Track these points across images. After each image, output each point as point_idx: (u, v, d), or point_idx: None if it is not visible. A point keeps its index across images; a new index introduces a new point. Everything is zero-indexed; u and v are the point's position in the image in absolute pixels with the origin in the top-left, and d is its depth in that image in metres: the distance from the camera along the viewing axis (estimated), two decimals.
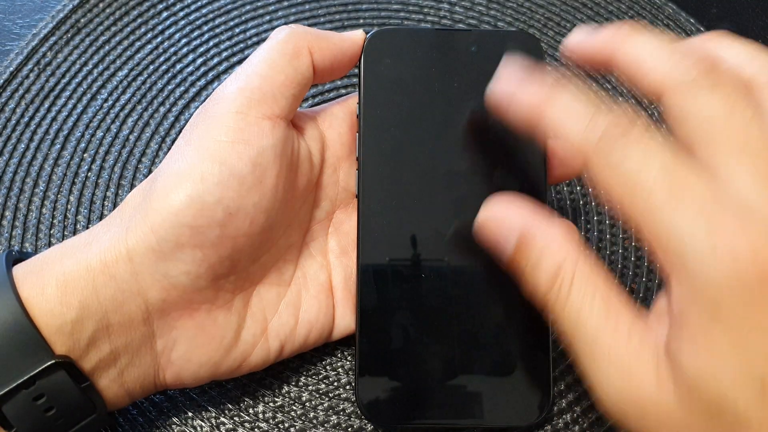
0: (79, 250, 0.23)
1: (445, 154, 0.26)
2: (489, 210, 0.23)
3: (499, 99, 0.23)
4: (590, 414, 0.28)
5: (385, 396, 0.26)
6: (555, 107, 0.21)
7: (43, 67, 0.35)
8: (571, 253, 0.21)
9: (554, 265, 0.21)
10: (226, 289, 0.24)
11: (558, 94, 0.21)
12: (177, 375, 0.24)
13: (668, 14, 0.38)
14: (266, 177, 0.23)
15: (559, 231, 0.22)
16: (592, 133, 0.20)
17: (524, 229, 0.22)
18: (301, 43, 0.25)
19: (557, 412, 0.28)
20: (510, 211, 0.23)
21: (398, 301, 0.26)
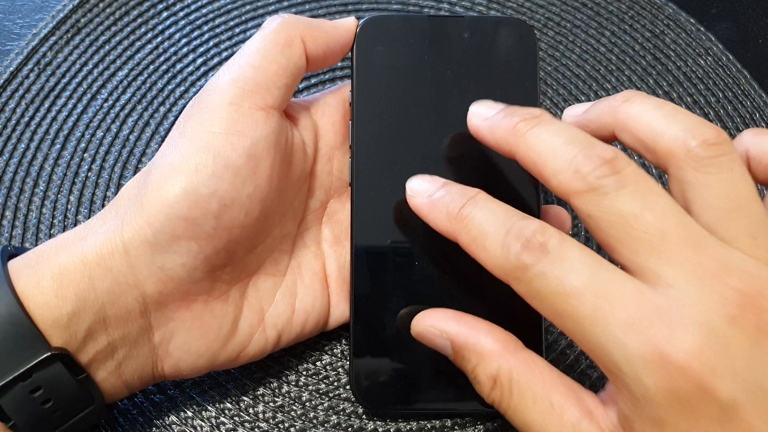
0: (74, 243, 0.23)
1: (438, 142, 0.26)
2: (416, 326, 0.24)
3: (417, 205, 0.23)
4: None
5: (380, 381, 0.26)
6: (469, 226, 0.21)
7: (43, 67, 0.35)
8: (504, 359, 0.22)
9: (491, 372, 0.22)
10: (223, 280, 0.24)
11: (471, 209, 0.22)
12: (175, 366, 0.24)
13: (668, 14, 0.38)
14: (260, 168, 0.23)
15: (488, 338, 0.22)
16: (509, 254, 0.20)
17: (455, 341, 0.23)
18: (293, 32, 0.25)
19: None
20: (438, 321, 0.23)
21: (392, 288, 0.26)
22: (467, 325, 0.23)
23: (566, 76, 0.36)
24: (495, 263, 0.21)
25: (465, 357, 0.23)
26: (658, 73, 0.36)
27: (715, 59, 0.36)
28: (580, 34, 0.37)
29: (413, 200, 0.24)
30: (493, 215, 0.21)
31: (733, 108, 0.35)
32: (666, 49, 0.37)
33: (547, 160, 0.21)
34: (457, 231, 0.22)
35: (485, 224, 0.21)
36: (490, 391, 0.22)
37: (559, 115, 0.35)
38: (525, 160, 0.22)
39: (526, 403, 0.21)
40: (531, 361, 0.22)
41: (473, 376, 0.23)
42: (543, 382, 0.21)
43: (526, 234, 0.20)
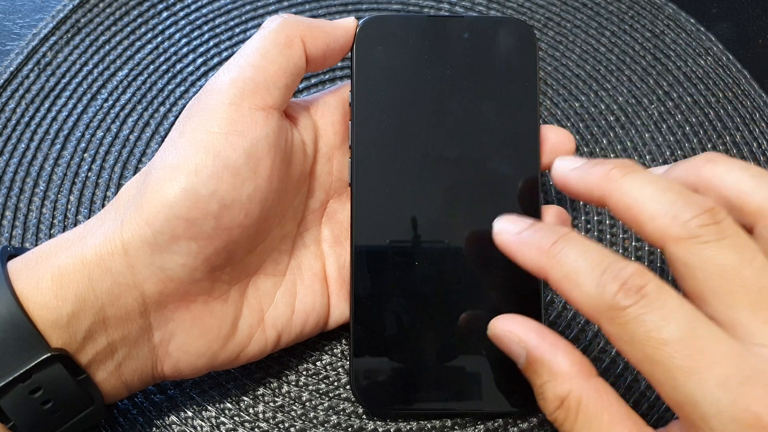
0: (73, 243, 0.23)
1: (438, 141, 0.26)
2: (495, 328, 0.23)
3: (505, 241, 0.23)
4: None
5: (380, 381, 0.26)
6: (562, 262, 0.21)
7: (43, 67, 0.35)
8: (576, 383, 0.21)
9: (560, 394, 0.21)
10: (222, 280, 0.24)
11: (564, 246, 0.21)
12: (175, 366, 0.24)
13: (668, 14, 0.38)
14: (260, 168, 0.23)
15: (568, 359, 0.22)
16: (604, 293, 0.20)
17: (532, 353, 0.22)
18: (293, 32, 0.25)
19: None
20: (518, 330, 0.23)
21: (392, 287, 0.26)
22: (547, 340, 0.22)
23: (566, 76, 0.36)
24: (587, 301, 0.20)
25: (537, 371, 0.22)
26: (658, 73, 0.36)
27: (715, 59, 0.36)
28: (580, 34, 0.37)
29: (500, 237, 0.23)
30: (587, 253, 0.21)
31: (733, 108, 0.35)
32: (666, 49, 0.37)
33: (644, 205, 0.20)
34: (547, 267, 0.21)
35: (579, 262, 0.21)
36: (555, 410, 0.22)
37: (558, 118, 0.35)
38: (618, 205, 0.21)
39: (590, 430, 0.21)
40: (602, 390, 0.21)
41: (541, 391, 0.22)
42: (611, 414, 0.21)
43: (624, 275, 0.20)
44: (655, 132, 0.34)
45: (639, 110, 0.35)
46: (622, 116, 0.35)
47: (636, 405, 0.28)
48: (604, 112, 0.35)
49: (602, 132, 0.34)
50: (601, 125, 0.34)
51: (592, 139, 0.34)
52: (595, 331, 0.30)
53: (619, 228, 0.32)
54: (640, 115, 0.35)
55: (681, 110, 0.35)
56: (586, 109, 0.35)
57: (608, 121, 0.35)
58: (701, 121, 0.35)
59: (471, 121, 0.27)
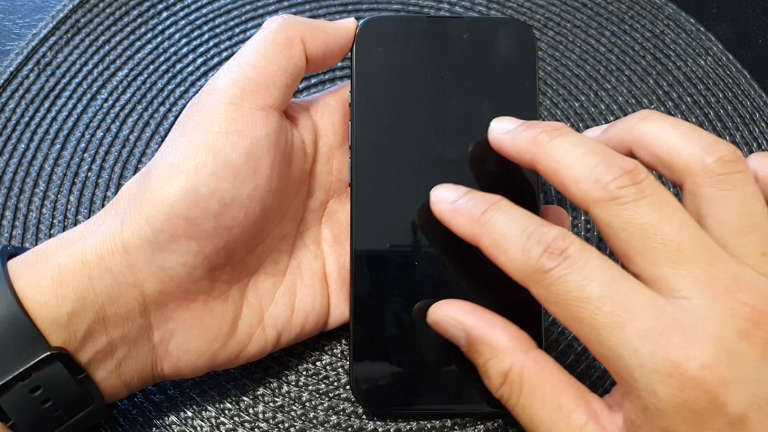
0: (73, 243, 0.23)
1: (438, 142, 0.26)
2: (433, 314, 0.24)
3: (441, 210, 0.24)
4: None
5: (380, 382, 0.26)
6: (491, 229, 0.22)
7: (43, 67, 0.35)
8: (517, 357, 0.22)
9: (502, 369, 0.22)
10: (222, 279, 0.25)
11: (493, 214, 0.22)
12: (175, 366, 0.24)
13: (668, 14, 0.38)
14: (260, 167, 0.23)
15: (506, 335, 0.23)
16: (529, 257, 0.20)
17: (471, 334, 0.23)
18: (293, 32, 0.25)
19: None
20: (456, 313, 0.24)
21: (392, 288, 0.26)
22: (483, 319, 0.23)
23: (566, 76, 0.36)
24: (515, 266, 0.21)
25: (478, 350, 0.23)
26: (658, 73, 0.36)
27: (715, 59, 0.36)
28: (580, 34, 0.37)
29: (436, 206, 0.24)
30: (514, 220, 0.22)
31: (733, 108, 0.35)
32: (666, 49, 0.37)
33: (568, 169, 0.21)
34: (478, 234, 0.22)
35: (506, 228, 0.21)
36: (500, 387, 0.22)
37: (558, 118, 0.35)
38: (546, 169, 0.22)
39: (534, 403, 0.22)
40: (543, 362, 0.22)
41: (484, 370, 0.23)
42: (553, 384, 0.22)
43: (547, 239, 0.20)
44: None
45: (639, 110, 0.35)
46: (621, 116, 0.35)
47: None
48: (604, 112, 0.35)
49: None
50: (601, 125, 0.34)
51: None
52: None
53: None
54: None
55: (681, 110, 0.35)
56: (586, 109, 0.35)
57: (608, 121, 0.35)
58: (701, 121, 0.35)
59: (470, 121, 0.27)
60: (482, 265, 0.24)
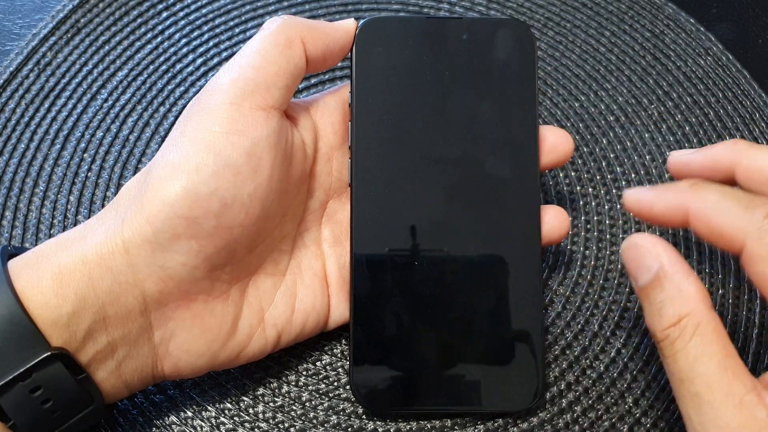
0: (74, 243, 0.23)
1: (437, 142, 0.26)
2: (636, 238, 0.23)
3: (639, 199, 0.24)
4: (590, 413, 0.28)
5: (380, 383, 0.26)
6: (705, 197, 0.22)
7: (43, 67, 0.35)
8: (699, 308, 0.22)
9: (681, 312, 0.22)
10: (223, 279, 0.24)
11: (703, 186, 0.23)
12: (175, 366, 0.24)
13: (668, 14, 0.38)
14: (261, 167, 0.23)
15: (694, 286, 0.22)
16: (753, 216, 0.21)
17: (665, 268, 0.22)
18: (293, 33, 0.25)
19: (557, 411, 0.28)
20: (658, 246, 0.23)
21: (392, 288, 0.26)
22: (682, 263, 0.23)
23: (566, 76, 0.36)
24: (734, 223, 0.22)
25: (663, 286, 0.22)
26: (658, 73, 0.36)
27: (715, 59, 0.36)
28: (580, 34, 0.37)
29: (632, 197, 0.24)
30: (729, 191, 0.22)
31: (733, 108, 0.35)
32: (666, 49, 0.37)
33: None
34: (689, 200, 0.23)
35: (724, 196, 0.22)
36: (669, 327, 0.22)
37: (558, 118, 0.35)
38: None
39: (701, 354, 0.21)
40: (719, 324, 0.22)
41: (659, 306, 0.22)
42: (723, 346, 0.21)
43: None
44: (655, 132, 0.34)
45: (639, 110, 0.35)
46: (622, 116, 0.35)
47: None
48: (604, 112, 0.35)
49: (602, 132, 0.34)
50: (601, 125, 0.34)
51: (592, 139, 0.34)
52: (595, 331, 0.30)
53: (618, 228, 0.32)
54: (640, 115, 0.35)
55: (681, 110, 0.35)
56: (586, 109, 0.35)
57: (608, 121, 0.35)
58: (701, 121, 0.35)
59: (470, 121, 0.27)
60: (482, 264, 0.24)
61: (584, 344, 0.30)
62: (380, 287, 0.26)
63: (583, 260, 0.31)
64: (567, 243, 0.32)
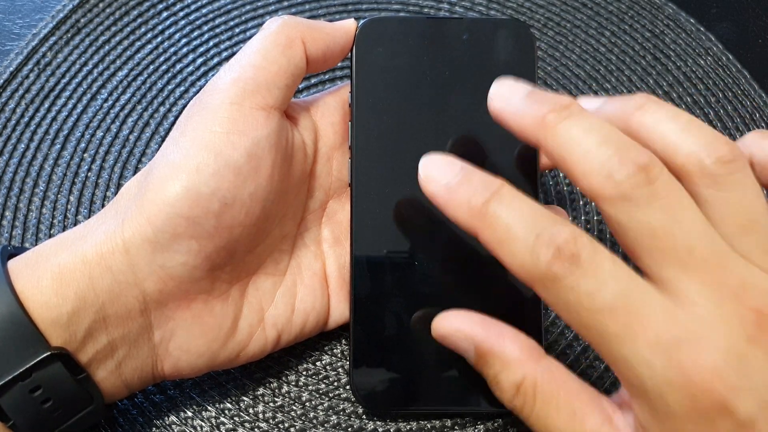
0: (74, 242, 0.23)
1: (437, 142, 0.26)
2: (439, 327, 0.24)
3: (433, 192, 0.22)
4: None
5: (380, 383, 0.26)
6: (494, 224, 0.20)
7: (43, 67, 0.35)
8: (529, 368, 0.22)
9: (515, 381, 0.22)
10: (223, 279, 0.24)
11: (497, 205, 0.20)
12: (175, 366, 0.24)
13: (668, 14, 0.38)
14: (261, 167, 0.23)
15: (516, 346, 0.22)
16: (538, 261, 0.19)
17: (481, 345, 0.22)
18: (293, 33, 0.25)
19: None
20: (463, 325, 0.23)
21: (392, 288, 0.26)
22: (493, 331, 0.22)
23: (566, 76, 0.36)
24: (521, 269, 0.20)
25: (488, 363, 0.22)
26: (658, 73, 0.36)
27: (715, 59, 0.36)
28: (580, 34, 0.37)
29: (428, 186, 0.21)
30: (521, 215, 0.20)
31: (733, 108, 0.35)
32: (666, 49, 0.37)
33: (578, 160, 0.20)
34: (479, 228, 0.20)
35: (512, 225, 0.20)
36: (513, 398, 0.22)
37: None
38: (553, 155, 0.21)
39: (549, 411, 0.21)
40: (555, 370, 0.22)
41: (495, 382, 0.22)
42: (566, 390, 0.21)
43: (558, 241, 0.19)
44: None
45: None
46: None
47: None
48: None
49: None
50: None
51: None
52: None
53: None
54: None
55: None
56: None
57: None
58: None
59: (470, 121, 0.27)
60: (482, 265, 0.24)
61: (584, 344, 0.29)
62: (380, 287, 0.26)
63: None
64: None
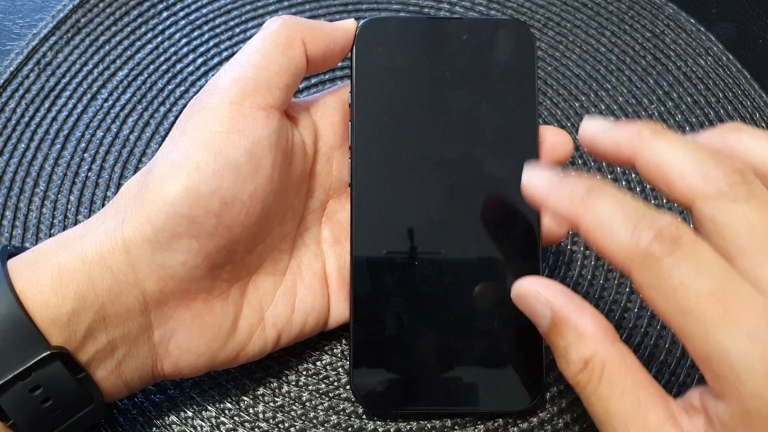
0: (74, 242, 0.23)
1: (437, 142, 0.26)
2: (521, 287, 0.23)
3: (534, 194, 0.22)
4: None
5: (380, 383, 0.26)
6: (596, 210, 0.21)
7: (43, 67, 0.35)
8: (602, 346, 0.21)
9: (584, 355, 0.21)
10: (223, 278, 0.25)
11: (598, 195, 0.21)
12: (175, 365, 0.24)
13: (668, 14, 0.38)
14: (261, 167, 0.23)
15: (593, 322, 0.22)
16: (639, 241, 0.20)
17: (558, 313, 0.22)
18: (293, 33, 0.25)
19: (557, 411, 0.28)
20: (544, 290, 0.23)
21: (392, 288, 0.26)
22: (574, 302, 0.22)
23: (566, 76, 0.36)
24: (621, 249, 0.20)
25: (562, 332, 0.22)
26: (658, 73, 0.36)
27: (715, 59, 0.36)
28: (580, 34, 0.37)
29: (531, 185, 0.22)
30: (621, 203, 0.20)
31: (733, 108, 0.35)
32: (666, 49, 0.37)
33: (675, 163, 0.20)
34: (580, 214, 0.21)
35: (613, 211, 0.20)
36: (578, 373, 0.22)
37: (558, 118, 0.35)
38: (648, 163, 0.21)
39: (613, 394, 0.21)
40: (626, 355, 0.22)
41: (564, 353, 0.22)
42: (633, 378, 0.21)
43: (659, 225, 0.19)
44: None
45: (639, 110, 0.35)
46: (622, 116, 0.35)
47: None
48: (604, 112, 0.35)
49: None
50: None
51: None
52: None
53: None
54: (640, 115, 0.35)
55: (681, 110, 0.35)
56: (586, 109, 0.35)
57: None
58: (701, 121, 0.35)
59: (470, 121, 0.27)
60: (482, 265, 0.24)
61: None
62: (380, 287, 0.26)
63: (583, 260, 0.31)
64: (567, 243, 0.32)
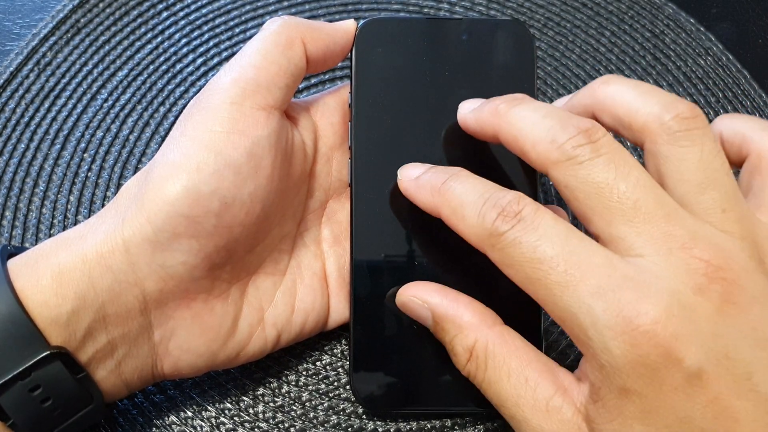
0: (74, 242, 0.23)
1: (437, 142, 0.27)
2: (403, 291, 0.24)
3: (406, 187, 0.24)
4: None
5: (379, 383, 0.26)
6: (448, 197, 0.22)
7: (43, 67, 0.35)
8: (481, 332, 0.22)
9: (467, 345, 0.22)
10: (223, 278, 0.25)
11: (452, 183, 0.22)
12: (174, 365, 0.24)
13: (668, 14, 0.38)
14: (261, 167, 0.23)
15: (470, 311, 0.23)
16: (484, 221, 0.21)
17: (436, 311, 0.23)
18: (293, 33, 0.25)
19: None
20: (420, 293, 0.24)
21: (392, 288, 0.26)
22: (448, 298, 0.24)
23: (566, 76, 0.36)
24: (472, 231, 0.21)
25: (444, 328, 0.23)
26: (658, 73, 0.36)
27: (715, 59, 0.36)
28: (580, 34, 0.37)
29: (402, 183, 0.24)
30: (473, 187, 0.22)
31: (733, 108, 0.35)
32: (666, 49, 0.37)
33: (526, 134, 0.21)
34: (439, 205, 0.23)
35: (464, 195, 0.22)
36: (466, 363, 0.23)
37: None
38: (507, 137, 0.22)
39: (500, 377, 0.22)
40: (508, 336, 0.22)
41: (451, 348, 0.23)
42: (518, 358, 0.22)
43: (502, 203, 0.21)
44: None
45: None
46: None
47: None
48: None
49: None
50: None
51: None
52: None
53: None
54: None
55: None
56: None
57: None
58: None
59: None
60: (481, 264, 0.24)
61: None
62: (380, 287, 0.26)
63: None
64: None
